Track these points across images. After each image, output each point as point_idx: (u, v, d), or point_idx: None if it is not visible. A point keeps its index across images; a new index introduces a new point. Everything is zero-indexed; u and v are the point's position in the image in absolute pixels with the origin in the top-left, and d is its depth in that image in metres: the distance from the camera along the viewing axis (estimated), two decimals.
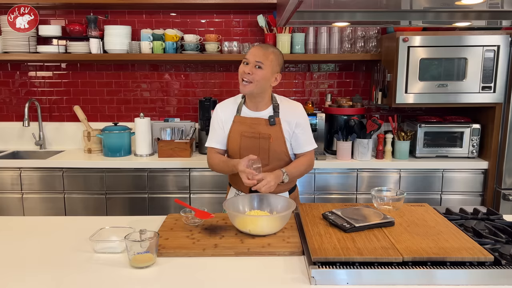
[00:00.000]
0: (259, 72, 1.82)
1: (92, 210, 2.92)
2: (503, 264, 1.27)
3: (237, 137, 1.92)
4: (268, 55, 1.84)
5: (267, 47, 1.88)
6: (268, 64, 1.83)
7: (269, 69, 1.84)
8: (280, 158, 1.93)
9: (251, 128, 1.90)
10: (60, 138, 3.40)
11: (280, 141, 1.91)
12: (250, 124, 1.91)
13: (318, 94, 3.39)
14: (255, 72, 1.82)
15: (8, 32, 3.10)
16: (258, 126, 1.90)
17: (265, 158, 1.90)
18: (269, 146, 1.89)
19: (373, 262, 1.28)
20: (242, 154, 1.89)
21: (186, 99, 3.40)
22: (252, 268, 1.35)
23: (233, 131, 1.94)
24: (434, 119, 3.03)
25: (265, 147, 1.89)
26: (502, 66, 2.76)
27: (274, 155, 1.91)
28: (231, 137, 1.94)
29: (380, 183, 2.88)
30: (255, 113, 1.93)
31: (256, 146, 1.89)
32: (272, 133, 1.89)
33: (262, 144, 1.89)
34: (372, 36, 3.12)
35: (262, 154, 1.89)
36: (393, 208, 1.72)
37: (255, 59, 1.82)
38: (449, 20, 1.82)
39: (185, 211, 1.67)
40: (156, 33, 3.12)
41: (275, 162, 1.92)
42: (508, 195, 2.78)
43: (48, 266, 1.37)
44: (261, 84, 1.84)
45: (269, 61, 1.84)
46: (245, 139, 1.91)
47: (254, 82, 1.82)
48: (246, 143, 1.91)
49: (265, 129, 1.89)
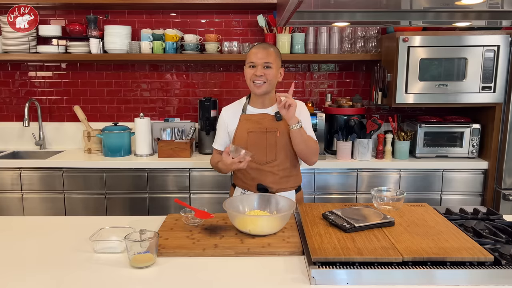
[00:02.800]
0: (270, 71, 1.90)
1: (92, 210, 2.92)
2: (503, 264, 1.27)
3: (244, 134, 1.96)
4: (271, 54, 1.91)
5: (267, 46, 1.93)
6: (274, 62, 1.91)
7: (276, 67, 1.93)
8: (287, 152, 1.95)
9: (258, 124, 1.95)
10: (60, 138, 3.40)
11: (287, 136, 1.93)
12: (257, 120, 1.96)
13: (318, 94, 3.39)
14: (266, 73, 1.89)
15: (8, 32, 3.10)
16: (265, 122, 1.95)
17: (273, 152, 1.93)
18: (276, 141, 1.93)
19: (373, 262, 1.28)
20: (249, 150, 1.89)
21: (186, 99, 3.40)
22: (252, 268, 1.35)
23: (239, 129, 1.98)
24: (434, 119, 3.03)
25: (272, 141, 1.93)
26: (502, 66, 2.76)
27: (281, 149, 1.94)
28: (238, 135, 1.98)
29: (380, 183, 2.88)
30: (261, 110, 1.99)
31: (263, 141, 1.93)
32: (279, 127, 1.93)
33: (270, 139, 1.93)
34: (372, 36, 3.12)
35: (269, 148, 1.93)
36: (393, 208, 1.72)
37: (263, 60, 1.89)
38: (449, 20, 1.82)
39: (185, 211, 1.67)
40: (156, 33, 3.12)
41: (282, 156, 1.95)
42: (508, 195, 2.78)
43: (48, 266, 1.37)
44: (273, 82, 1.94)
45: (273, 59, 1.91)
46: (252, 135, 1.95)
47: (267, 82, 1.91)
48: (253, 139, 1.94)
49: (272, 124, 1.94)
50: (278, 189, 1.96)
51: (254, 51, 1.91)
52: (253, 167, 1.94)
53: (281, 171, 1.95)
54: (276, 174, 1.95)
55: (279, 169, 1.95)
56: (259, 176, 1.95)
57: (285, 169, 1.96)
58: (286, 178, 1.97)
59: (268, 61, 1.89)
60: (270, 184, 1.95)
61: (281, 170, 1.95)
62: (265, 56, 1.88)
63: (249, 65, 1.92)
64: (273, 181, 1.95)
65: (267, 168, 1.94)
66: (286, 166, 1.96)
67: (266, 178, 1.95)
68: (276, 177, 1.95)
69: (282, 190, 1.97)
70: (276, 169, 1.94)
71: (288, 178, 1.98)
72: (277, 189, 1.96)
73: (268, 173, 1.94)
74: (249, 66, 1.92)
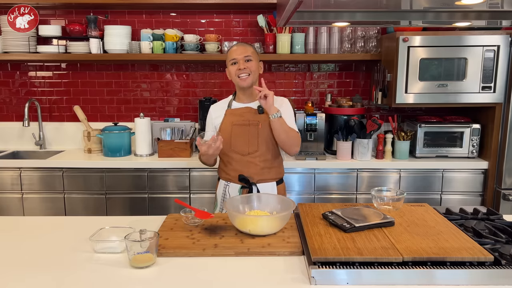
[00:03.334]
0: (251, 64, 2.03)
1: (92, 210, 2.92)
2: (503, 264, 1.27)
3: (229, 127, 2.07)
4: (249, 49, 2.06)
5: (243, 43, 2.10)
6: (253, 55, 2.05)
7: (256, 59, 2.07)
8: (268, 144, 2.05)
9: (241, 117, 2.07)
10: (60, 138, 3.40)
11: (268, 128, 2.03)
12: (240, 113, 2.08)
13: (318, 94, 3.39)
14: (248, 65, 2.02)
15: (8, 32, 3.10)
16: (248, 114, 2.07)
17: (254, 144, 2.04)
18: (258, 132, 2.04)
19: (373, 262, 1.28)
20: (232, 141, 2.05)
21: (186, 99, 3.40)
22: (252, 268, 1.35)
23: (224, 123, 2.10)
24: (434, 119, 3.03)
25: (254, 133, 2.04)
26: (502, 66, 2.76)
27: (263, 141, 2.04)
28: (223, 128, 2.09)
29: (380, 183, 2.88)
30: (245, 104, 2.11)
31: (246, 132, 2.04)
32: (261, 120, 2.04)
33: (252, 131, 2.04)
34: (372, 36, 3.12)
35: (251, 139, 2.04)
36: (393, 208, 1.72)
37: (243, 55, 2.02)
38: (449, 20, 1.82)
39: (185, 211, 1.67)
40: (156, 33, 3.12)
41: (264, 148, 2.05)
42: (508, 195, 2.78)
43: (48, 266, 1.37)
44: (256, 74, 2.07)
45: (252, 52, 2.05)
46: (235, 127, 2.06)
47: (251, 74, 2.03)
48: (236, 131, 2.06)
49: (254, 117, 2.05)
50: (259, 179, 2.05)
51: (233, 49, 2.06)
52: (235, 158, 2.05)
53: (262, 162, 2.05)
54: (257, 165, 2.04)
55: (260, 160, 2.04)
56: (241, 167, 2.05)
57: (266, 160, 2.06)
58: (268, 169, 2.07)
59: (248, 55, 2.02)
60: (252, 174, 2.04)
61: (262, 161, 2.05)
62: (244, 51, 2.03)
63: (231, 63, 2.05)
64: (255, 171, 2.04)
65: (249, 159, 2.04)
66: (268, 158, 2.06)
67: (248, 168, 2.04)
68: (257, 167, 2.04)
69: (263, 181, 2.06)
70: (258, 160, 2.04)
71: (269, 169, 2.07)
72: (258, 180, 2.05)
73: (249, 163, 2.04)
74: (231, 64, 2.05)
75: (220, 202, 2.13)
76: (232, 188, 2.08)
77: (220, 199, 2.13)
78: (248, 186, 2.03)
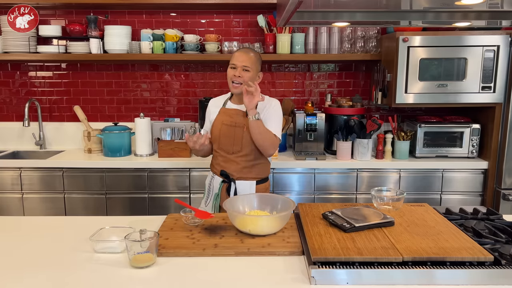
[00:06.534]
0: (247, 74, 2.10)
1: (92, 210, 2.92)
2: (503, 264, 1.27)
3: (219, 125, 2.21)
4: (251, 58, 2.11)
5: (248, 51, 2.15)
6: (253, 66, 2.11)
7: (254, 70, 2.13)
8: (252, 146, 2.15)
9: (231, 118, 2.18)
10: (60, 138, 3.40)
11: None
12: (231, 115, 2.19)
13: (318, 94, 3.39)
14: (243, 75, 2.09)
15: (8, 32, 3.10)
16: (237, 117, 2.18)
17: (238, 144, 2.16)
18: (243, 135, 2.14)
19: (373, 262, 1.28)
20: (220, 140, 2.18)
21: (186, 99, 3.40)
22: (252, 268, 1.36)
23: (217, 120, 2.23)
24: (434, 119, 3.03)
25: (239, 135, 2.15)
26: (502, 66, 2.76)
27: (247, 143, 2.15)
28: (215, 125, 2.23)
29: (380, 183, 2.88)
30: (237, 106, 2.22)
31: (232, 133, 2.16)
32: (247, 123, 2.10)
33: (237, 132, 2.15)
34: (372, 36, 3.12)
35: (236, 140, 2.16)
36: (393, 208, 1.72)
37: (242, 64, 2.09)
38: (449, 20, 1.82)
39: (185, 211, 1.67)
40: (156, 33, 3.12)
41: (247, 149, 2.16)
42: (508, 195, 2.78)
43: (48, 266, 1.37)
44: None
45: (253, 63, 2.11)
46: (224, 127, 2.19)
47: (243, 84, 2.06)
48: (224, 130, 2.18)
49: (241, 120, 2.16)
50: (239, 177, 2.17)
51: (237, 54, 2.13)
52: (221, 154, 2.20)
53: (244, 162, 2.16)
54: (238, 164, 2.16)
55: (242, 160, 2.16)
56: (224, 163, 2.19)
57: (248, 161, 2.17)
58: (248, 169, 2.18)
59: (247, 65, 2.09)
60: (233, 172, 2.17)
61: (244, 161, 2.16)
62: (245, 60, 2.09)
63: (231, 66, 2.13)
64: (236, 169, 2.17)
65: (232, 158, 2.17)
66: (250, 159, 2.17)
67: (230, 166, 2.18)
68: (238, 166, 2.17)
69: (243, 179, 2.18)
70: (240, 160, 2.16)
71: (250, 169, 2.18)
72: (238, 177, 2.17)
73: (232, 162, 2.17)
74: (230, 67, 2.13)
75: (207, 191, 2.29)
76: (215, 180, 2.23)
77: (207, 188, 2.30)
78: (228, 181, 2.17)
